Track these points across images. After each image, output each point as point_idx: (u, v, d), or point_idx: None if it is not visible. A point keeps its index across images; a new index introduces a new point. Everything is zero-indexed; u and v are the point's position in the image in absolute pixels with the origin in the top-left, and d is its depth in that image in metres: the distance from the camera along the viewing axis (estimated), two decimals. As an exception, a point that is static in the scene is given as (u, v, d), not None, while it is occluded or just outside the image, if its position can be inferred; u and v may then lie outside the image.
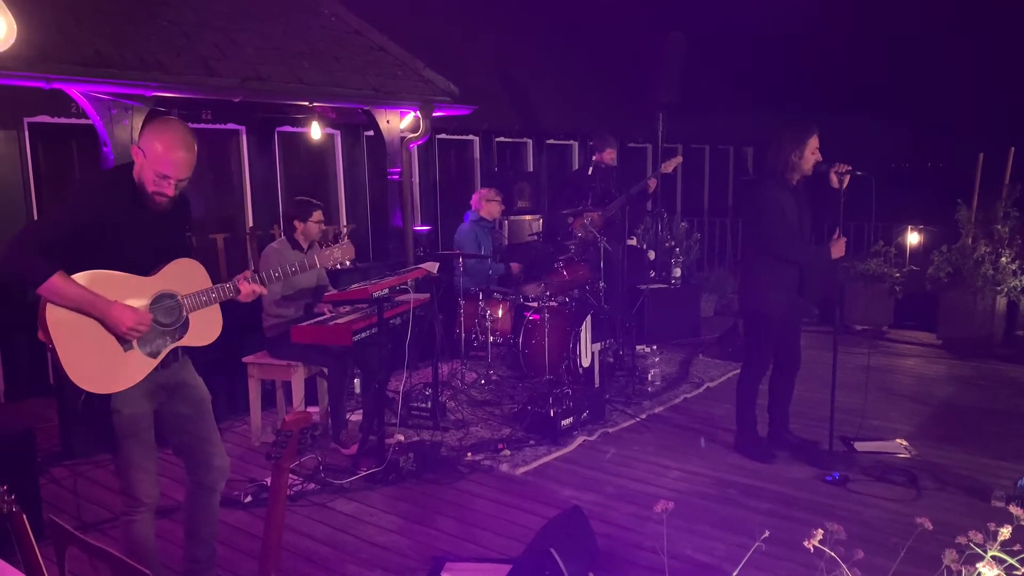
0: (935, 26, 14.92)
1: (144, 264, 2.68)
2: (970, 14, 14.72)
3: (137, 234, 2.65)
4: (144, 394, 2.73)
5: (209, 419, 2.96)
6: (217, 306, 2.83)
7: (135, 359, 2.66)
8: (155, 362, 2.70)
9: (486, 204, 6.91)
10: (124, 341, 2.63)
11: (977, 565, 1.86)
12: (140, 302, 2.64)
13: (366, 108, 6.62)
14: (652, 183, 7.00)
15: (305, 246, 4.92)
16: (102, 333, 2.59)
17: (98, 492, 4.19)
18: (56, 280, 2.48)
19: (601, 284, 6.35)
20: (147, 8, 5.53)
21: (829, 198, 4.29)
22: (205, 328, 2.82)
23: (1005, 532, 1.92)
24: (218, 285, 2.80)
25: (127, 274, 2.63)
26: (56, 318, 2.53)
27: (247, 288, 2.83)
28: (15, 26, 4.23)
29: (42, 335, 2.55)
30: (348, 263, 3.23)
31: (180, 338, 2.76)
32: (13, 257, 2.51)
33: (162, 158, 2.58)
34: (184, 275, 2.76)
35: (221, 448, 2.99)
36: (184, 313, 2.75)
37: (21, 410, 5.69)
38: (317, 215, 4.97)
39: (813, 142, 4.26)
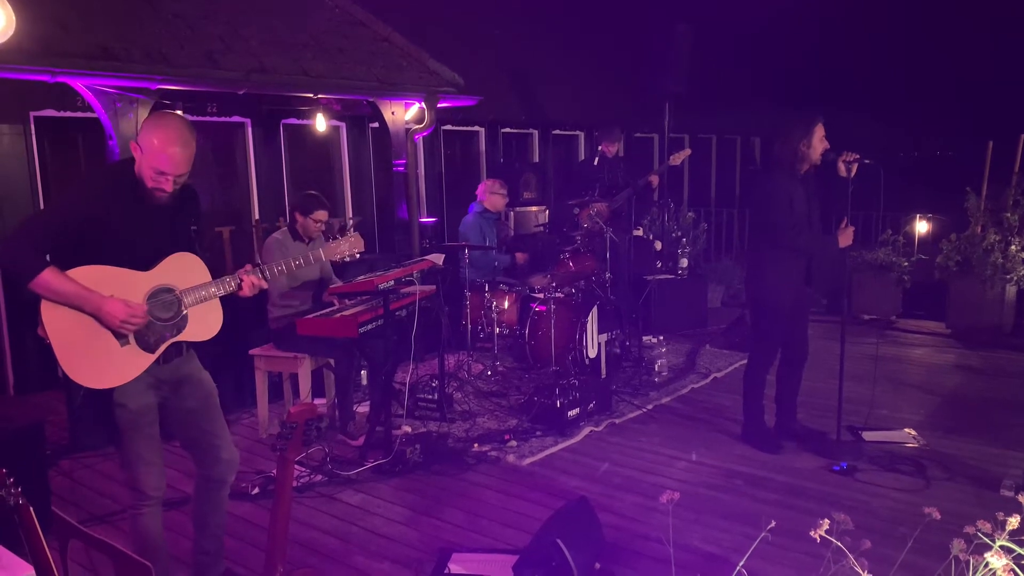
0: (942, 14, 14.78)
1: (146, 259, 2.66)
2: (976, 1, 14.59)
3: (138, 229, 2.63)
4: (147, 388, 2.72)
5: (216, 413, 2.95)
6: (217, 301, 2.79)
7: (131, 354, 2.64)
8: (152, 357, 2.68)
9: (490, 196, 6.91)
10: (120, 336, 2.61)
11: (985, 555, 1.85)
12: (136, 297, 2.62)
13: (371, 99, 6.61)
14: (654, 179, 6.98)
15: (306, 240, 4.90)
16: (97, 328, 2.57)
17: (106, 484, 4.21)
18: (47, 275, 2.46)
19: (607, 275, 6.34)
20: (151, 1, 5.53)
21: (837, 187, 4.26)
22: (205, 323, 2.78)
23: (1014, 522, 1.91)
24: (219, 279, 2.76)
25: (123, 269, 2.61)
26: (51, 314, 2.53)
27: (249, 281, 2.80)
28: (14, 18, 4.22)
29: (40, 330, 2.55)
30: (357, 255, 3.20)
31: (178, 333, 2.72)
32: (9, 251, 2.51)
33: (158, 154, 2.55)
34: (182, 269, 2.73)
35: (229, 441, 2.99)
36: (183, 308, 2.72)
37: (30, 403, 5.72)
38: (320, 214, 4.87)
39: (820, 130, 4.24)
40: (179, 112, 5.69)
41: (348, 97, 6.77)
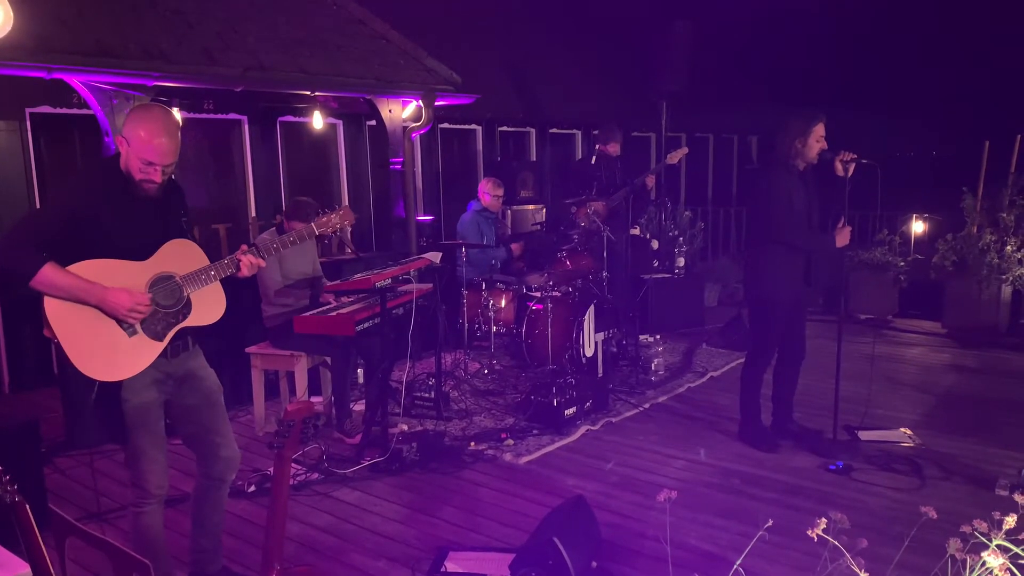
0: (938, 14, 14.80)
1: (140, 252, 2.66)
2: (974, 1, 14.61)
3: (130, 224, 2.64)
4: (153, 383, 2.73)
5: (219, 410, 2.95)
6: (219, 284, 2.80)
7: (141, 344, 2.65)
8: (162, 345, 2.69)
9: (491, 197, 6.92)
10: (127, 326, 2.61)
11: (982, 554, 1.85)
12: (138, 287, 2.63)
13: (368, 97, 6.60)
14: (650, 180, 6.98)
15: None
16: (104, 320, 2.58)
17: (103, 482, 4.20)
18: (47, 271, 2.46)
19: (604, 274, 6.34)
20: (149, -3, 5.51)
21: (834, 186, 4.26)
22: (208, 307, 2.80)
23: (1010, 521, 1.91)
24: (216, 262, 2.77)
25: (122, 260, 2.62)
26: (56, 311, 2.52)
27: (247, 261, 2.80)
28: (11, 14, 4.20)
29: (47, 331, 2.54)
30: (348, 226, 3.20)
31: (184, 319, 2.73)
32: (8, 251, 2.50)
33: (146, 145, 2.56)
34: (179, 256, 2.74)
35: (231, 439, 2.99)
36: (184, 293, 2.73)
37: (26, 401, 5.71)
38: (296, 226, 4.82)
39: (819, 130, 4.23)
40: (173, 108, 5.68)
41: (345, 95, 6.76)
